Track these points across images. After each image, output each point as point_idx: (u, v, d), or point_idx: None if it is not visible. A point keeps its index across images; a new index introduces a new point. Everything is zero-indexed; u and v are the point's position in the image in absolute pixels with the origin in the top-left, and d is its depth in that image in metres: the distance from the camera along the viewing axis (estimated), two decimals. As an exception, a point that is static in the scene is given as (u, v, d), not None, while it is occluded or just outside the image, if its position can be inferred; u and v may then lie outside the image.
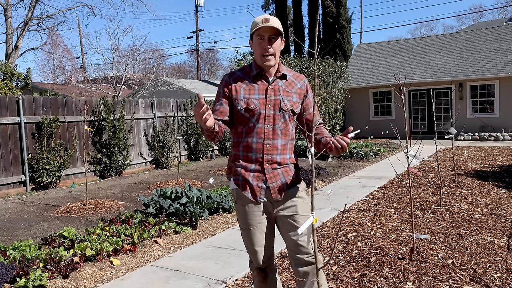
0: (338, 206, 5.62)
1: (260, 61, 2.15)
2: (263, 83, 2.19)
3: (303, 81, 2.28)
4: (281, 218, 2.20)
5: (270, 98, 2.16)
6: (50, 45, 26.66)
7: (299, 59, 15.61)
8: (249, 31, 2.21)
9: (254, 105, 2.14)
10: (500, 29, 18.04)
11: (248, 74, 2.21)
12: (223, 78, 2.27)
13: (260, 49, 2.12)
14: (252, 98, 2.15)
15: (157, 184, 7.66)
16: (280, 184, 2.17)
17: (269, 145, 2.16)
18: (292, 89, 2.22)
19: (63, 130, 8.21)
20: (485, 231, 4.14)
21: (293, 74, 2.28)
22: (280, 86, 2.20)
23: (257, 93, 2.17)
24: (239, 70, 2.27)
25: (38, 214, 5.75)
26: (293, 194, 2.20)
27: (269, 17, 2.12)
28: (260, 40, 2.12)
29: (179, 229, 4.63)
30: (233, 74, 2.25)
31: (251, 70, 2.22)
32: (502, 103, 15.20)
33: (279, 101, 2.17)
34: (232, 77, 2.22)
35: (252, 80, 2.19)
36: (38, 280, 3.18)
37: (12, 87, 11.83)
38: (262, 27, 2.07)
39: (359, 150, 10.83)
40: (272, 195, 2.16)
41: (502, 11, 44.40)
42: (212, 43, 63.75)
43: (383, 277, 3.12)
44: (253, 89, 2.17)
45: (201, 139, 11.34)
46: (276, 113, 2.16)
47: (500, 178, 7.01)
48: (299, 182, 2.26)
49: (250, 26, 2.18)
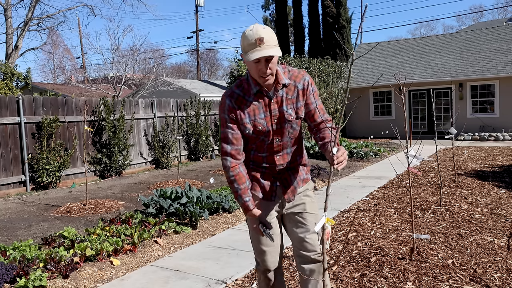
0: (338, 206, 5.62)
1: (259, 80, 2.02)
2: (264, 100, 2.08)
3: (303, 79, 2.12)
4: (288, 216, 2.22)
5: (275, 113, 2.08)
6: (50, 45, 26.68)
7: (299, 59, 15.61)
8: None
9: (262, 125, 2.08)
10: (500, 29, 18.04)
11: (248, 92, 2.09)
12: (223, 99, 2.12)
13: (257, 71, 1.97)
14: (258, 119, 2.08)
15: (157, 184, 7.66)
16: (292, 187, 2.19)
17: (279, 156, 2.18)
18: (294, 94, 2.11)
19: (63, 130, 8.21)
20: (485, 231, 4.13)
21: (291, 74, 2.12)
22: (282, 96, 2.09)
23: (261, 112, 2.08)
24: (237, 87, 2.12)
25: (38, 214, 5.75)
26: (302, 193, 2.23)
27: (263, 34, 1.91)
28: (256, 63, 1.95)
29: (179, 229, 4.63)
30: (233, 94, 2.10)
31: (249, 86, 2.08)
32: (502, 103, 15.19)
33: (283, 113, 2.09)
34: (233, 99, 2.08)
35: (254, 98, 2.08)
36: (38, 280, 3.18)
37: (12, 87, 11.83)
38: (259, 56, 1.90)
39: (359, 150, 10.82)
40: (285, 196, 2.18)
41: (502, 11, 44.40)
42: (212, 43, 63.80)
43: (383, 277, 3.12)
44: (257, 109, 2.08)
45: (201, 139, 11.34)
46: (283, 126, 2.11)
47: (500, 178, 7.01)
48: (308, 181, 2.28)
49: (241, 40, 1.98)
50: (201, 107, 11.65)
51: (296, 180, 2.21)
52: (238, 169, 2.10)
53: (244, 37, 1.95)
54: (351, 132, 18.05)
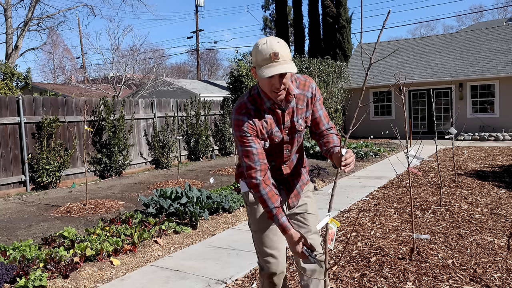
0: (338, 206, 5.62)
1: (271, 95, 1.96)
2: (277, 113, 2.04)
3: (310, 87, 2.10)
4: (290, 217, 2.24)
5: (287, 124, 2.07)
6: (50, 45, 26.66)
7: (299, 59, 15.61)
8: (249, 31, 2.15)
9: (278, 138, 2.07)
10: (500, 29, 18.03)
11: (261, 107, 2.02)
12: (238, 116, 2.01)
13: (270, 87, 1.91)
14: (275, 132, 2.05)
15: (157, 184, 7.66)
16: (295, 191, 2.22)
17: (286, 165, 2.20)
18: (304, 104, 2.09)
19: (63, 130, 8.21)
20: (485, 231, 4.13)
21: (299, 83, 2.09)
22: (293, 106, 2.06)
23: (275, 126, 2.05)
24: (251, 103, 2.03)
25: (38, 214, 5.75)
26: (303, 194, 2.27)
27: (278, 49, 1.83)
28: (270, 78, 1.88)
29: (179, 229, 4.63)
30: (248, 111, 2.01)
31: (262, 101, 2.02)
32: (502, 103, 15.19)
33: (295, 123, 2.08)
34: (251, 116, 2.00)
35: (268, 112, 2.03)
36: (38, 280, 3.18)
37: (12, 87, 11.82)
38: (275, 74, 1.83)
39: (359, 150, 10.83)
40: (289, 201, 2.21)
41: (502, 11, 44.39)
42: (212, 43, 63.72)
43: (383, 277, 3.12)
44: (273, 123, 2.05)
45: (201, 139, 11.34)
46: (293, 136, 2.12)
47: (500, 178, 7.01)
48: (308, 182, 2.32)
49: (253, 50, 1.92)
50: (201, 107, 11.65)
51: (299, 185, 2.24)
52: (270, 186, 2.00)
53: (258, 51, 1.87)
54: (351, 132, 18.03)
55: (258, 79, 1.96)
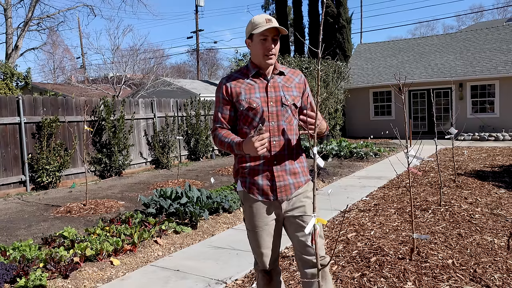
0: (338, 206, 5.62)
1: (262, 60, 2.16)
2: (261, 81, 2.20)
3: (300, 76, 2.31)
4: (289, 219, 2.20)
5: (271, 95, 2.18)
6: (50, 45, 26.62)
7: (299, 59, 15.61)
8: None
9: (256, 103, 2.15)
10: (500, 29, 18.03)
11: (246, 74, 2.22)
12: (220, 81, 2.26)
13: (263, 49, 2.13)
14: (253, 97, 2.16)
15: (157, 184, 7.66)
16: (288, 184, 2.17)
17: (275, 142, 2.16)
18: (291, 84, 2.24)
19: (63, 130, 8.21)
20: (485, 231, 4.13)
21: (289, 70, 2.31)
22: (279, 82, 2.22)
23: (257, 92, 2.18)
24: (236, 72, 2.28)
25: (38, 214, 5.75)
26: (302, 195, 2.20)
27: (271, 17, 2.15)
28: (263, 40, 2.13)
29: (179, 229, 4.63)
30: (230, 76, 2.26)
31: (248, 70, 2.23)
32: (502, 103, 15.19)
33: (280, 96, 2.18)
34: (230, 80, 2.22)
35: (251, 79, 2.21)
36: (38, 280, 3.18)
37: (12, 87, 11.83)
38: (268, 28, 2.08)
39: (359, 150, 10.83)
40: (278, 194, 2.15)
41: (502, 11, 44.39)
42: (212, 43, 63.68)
43: (383, 277, 3.12)
44: (253, 88, 2.19)
45: (201, 139, 11.34)
46: (278, 109, 2.17)
47: (500, 178, 7.01)
48: (308, 182, 2.26)
49: (248, 25, 2.18)
50: (201, 107, 11.65)
51: (293, 180, 2.18)
52: (226, 130, 2.21)
53: (252, 21, 2.14)
54: (351, 132, 18.05)
55: (252, 49, 2.19)
